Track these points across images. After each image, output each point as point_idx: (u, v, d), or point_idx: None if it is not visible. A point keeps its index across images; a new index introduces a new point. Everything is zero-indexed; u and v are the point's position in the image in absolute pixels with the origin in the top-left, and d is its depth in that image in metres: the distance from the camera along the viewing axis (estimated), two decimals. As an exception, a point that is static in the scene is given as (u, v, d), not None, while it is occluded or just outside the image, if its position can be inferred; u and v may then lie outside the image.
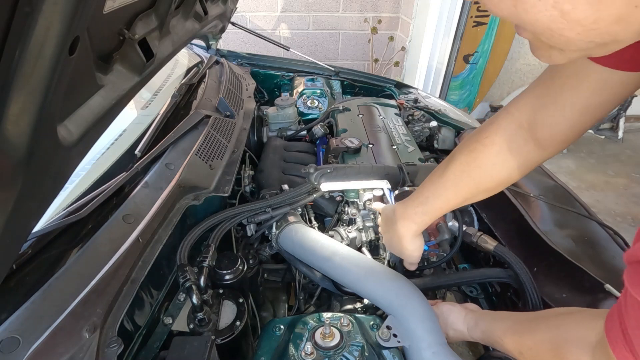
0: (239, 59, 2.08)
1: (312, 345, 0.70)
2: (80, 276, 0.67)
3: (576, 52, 0.39)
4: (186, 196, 0.96)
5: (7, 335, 0.56)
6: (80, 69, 0.61)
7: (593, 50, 0.38)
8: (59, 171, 0.57)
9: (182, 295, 0.85)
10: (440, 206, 0.80)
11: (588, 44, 0.37)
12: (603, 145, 3.93)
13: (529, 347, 0.63)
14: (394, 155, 1.28)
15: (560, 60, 0.41)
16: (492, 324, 0.74)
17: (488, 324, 0.75)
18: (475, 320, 0.78)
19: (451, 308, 0.84)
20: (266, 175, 1.25)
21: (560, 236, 0.97)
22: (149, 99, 1.44)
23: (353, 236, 1.10)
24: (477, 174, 0.74)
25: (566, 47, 0.38)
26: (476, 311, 0.82)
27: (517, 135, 0.70)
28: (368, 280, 0.84)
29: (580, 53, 0.39)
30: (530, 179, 1.17)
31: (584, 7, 0.33)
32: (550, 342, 0.59)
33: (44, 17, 0.39)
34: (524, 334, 0.65)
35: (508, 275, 0.97)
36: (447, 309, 0.84)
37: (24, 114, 0.43)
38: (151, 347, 0.75)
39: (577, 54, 0.40)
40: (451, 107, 1.77)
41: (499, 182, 0.76)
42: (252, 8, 3.48)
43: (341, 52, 3.82)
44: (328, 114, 1.59)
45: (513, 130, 0.70)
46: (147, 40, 0.84)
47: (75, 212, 0.78)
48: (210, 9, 1.35)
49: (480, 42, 3.19)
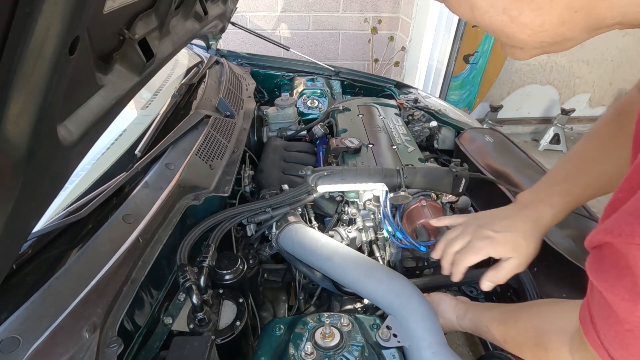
0: (239, 59, 2.08)
1: (312, 345, 0.70)
2: (80, 276, 0.67)
3: (534, 50, 0.44)
4: (186, 196, 0.96)
5: (7, 335, 0.56)
6: (80, 69, 0.61)
7: (549, 48, 0.43)
8: (59, 171, 0.57)
9: (182, 295, 0.85)
10: (585, 187, 0.65)
11: (541, 44, 0.41)
12: (603, 145, 3.93)
13: (512, 335, 0.65)
14: (394, 155, 1.28)
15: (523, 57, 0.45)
16: (479, 314, 0.75)
17: (476, 314, 0.76)
18: (464, 309, 0.79)
19: (442, 297, 0.86)
20: (266, 175, 1.25)
21: (560, 236, 0.97)
22: (149, 99, 1.44)
23: (353, 236, 1.10)
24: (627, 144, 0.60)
25: (524, 46, 0.43)
26: (466, 302, 0.84)
27: None
28: (368, 280, 0.84)
29: (538, 51, 0.44)
30: (530, 179, 1.17)
31: (529, 13, 0.38)
32: (532, 331, 0.61)
33: (44, 17, 0.39)
34: (509, 323, 0.67)
35: (508, 275, 0.97)
36: (438, 297, 0.86)
37: (24, 114, 0.43)
38: (151, 347, 0.75)
39: (535, 52, 0.44)
40: (451, 107, 1.77)
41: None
42: (252, 8, 3.48)
43: (341, 52, 3.82)
44: (328, 114, 1.59)
45: None
46: (147, 40, 0.84)
47: (76, 212, 0.78)
48: (210, 9, 1.35)
49: (480, 42, 3.19)
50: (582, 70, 3.90)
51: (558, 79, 3.93)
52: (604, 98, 4.13)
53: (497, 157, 1.31)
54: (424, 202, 1.05)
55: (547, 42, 0.41)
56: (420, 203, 1.05)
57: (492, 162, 1.29)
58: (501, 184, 1.12)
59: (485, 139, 1.43)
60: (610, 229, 0.36)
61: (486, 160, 1.31)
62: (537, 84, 3.93)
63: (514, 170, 1.22)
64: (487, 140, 1.42)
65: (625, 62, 3.89)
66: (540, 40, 0.41)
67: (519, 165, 1.26)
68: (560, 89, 4.00)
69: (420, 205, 1.05)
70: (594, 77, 3.96)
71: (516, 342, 0.65)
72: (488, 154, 1.34)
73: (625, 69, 3.94)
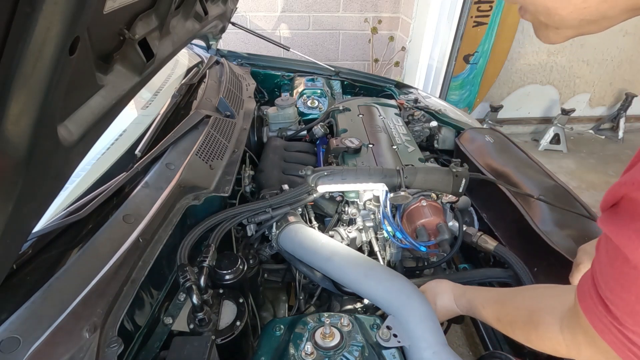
0: (239, 59, 2.08)
1: (312, 345, 0.70)
2: (80, 276, 0.67)
3: (569, 31, 0.44)
4: (186, 196, 0.96)
5: (8, 335, 0.56)
6: (81, 69, 0.61)
7: (585, 28, 0.43)
8: (59, 171, 0.57)
9: (182, 295, 0.85)
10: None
11: (580, 22, 0.42)
12: (603, 145, 3.93)
13: (507, 313, 0.69)
14: (394, 155, 1.28)
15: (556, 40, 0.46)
16: (477, 292, 0.80)
17: (474, 293, 0.81)
18: (462, 289, 0.84)
19: (439, 280, 0.91)
20: (266, 175, 1.25)
21: (560, 236, 0.97)
22: (149, 99, 1.44)
23: (353, 236, 1.10)
24: None
25: (561, 26, 0.44)
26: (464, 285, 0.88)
27: None
28: (368, 280, 0.84)
29: (572, 31, 0.44)
30: (530, 179, 1.17)
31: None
32: (525, 309, 0.65)
33: (45, 17, 0.39)
34: (505, 303, 0.72)
35: (508, 275, 0.97)
36: (436, 281, 0.91)
37: (24, 114, 0.43)
38: (151, 347, 0.75)
39: (570, 32, 0.45)
40: (451, 107, 1.77)
41: None
42: (252, 8, 3.48)
43: (341, 52, 3.82)
44: (328, 114, 1.59)
45: None
46: (147, 40, 0.84)
47: (76, 212, 0.78)
48: (210, 9, 1.35)
49: (480, 42, 3.19)
50: (582, 70, 3.90)
51: (558, 79, 3.93)
52: (604, 98, 4.13)
53: (497, 157, 1.31)
54: (424, 202, 1.05)
55: (586, 20, 0.41)
56: (420, 203, 1.05)
57: (492, 162, 1.29)
58: (501, 184, 1.12)
59: (486, 139, 1.43)
60: (624, 182, 0.38)
61: (486, 160, 1.31)
62: (537, 84, 3.93)
63: (514, 170, 1.22)
64: (487, 140, 1.42)
65: (625, 62, 3.89)
66: (580, 17, 0.41)
67: (519, 165, 1.26)
68: (561, 89, 4.00)
69: (420, 205, 1.05)
70: (594, 77, 3.96)
71: (508, 319, 0.69)
72: (488, 154, 1.34)
73: (626, 68, 3.94)
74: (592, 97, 4.11)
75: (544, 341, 0.59)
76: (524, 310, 0.65)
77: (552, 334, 0.57)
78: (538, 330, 0.60)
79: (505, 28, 3.23)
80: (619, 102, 4.01)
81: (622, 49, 3.79)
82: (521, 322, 0.65)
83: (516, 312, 0.67)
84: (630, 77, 3.99)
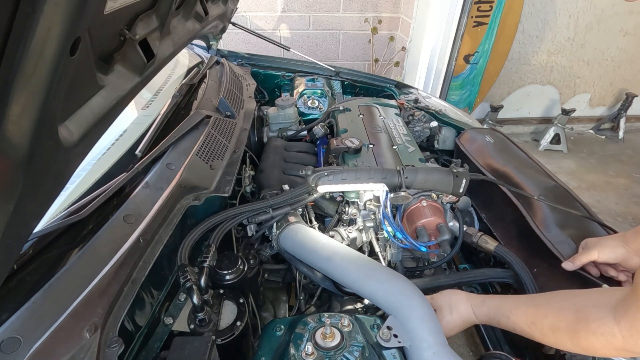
0: (240, 59, 2.08)
1: (312, 346, 0.70)
2: (81, 276, 0.67)
3: None
4: (187, 196, 0.96)
5: (8, 335, 0.56)
6: (81, 70, 0.61)
7: None
8: (60, 171, 0.57)
9: (182, 295, 0.85)
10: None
11: None
12: (604, 146, 3.93)
13: (545, 314, 0.67)
14: (394, 155, 1.28)
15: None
16: (500, 300, 0.78)
17: (496, 301, 0.79)
18: (481, 299, 0.82)
19: (454, 291, 0.88)
20: (267, 176, 1.25)
21: (561, 237, 0.97)
22: (149, 99, 1.44)
23: (353, 236, 1.10)
24: None
25: None
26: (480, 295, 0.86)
27: None
28: (368, 281, 0.84)
29: None
30: (530, 179, 1.17)
31: None
32: (568, 310, 0.63)
33: (45, 18, 0.39)
34: (540, 305, 0.69)
35: (509, 275, 0.97)
36: (449, 292, 0.88)
37: (25, 115, 0.43)
38: (152, 348, 0.75)
39: None
40: (451, 107, 1.77)
41: None
42: (252, 8, 3.48)
43: (341, 52, 3.82)
44: (328, 114, 1.59)
45: None
46: (148, 40, 0.84)
47: (76, 213, 0.78)
48: (210, 10, 1.35)
49: (480, 42, 3.19)
50: (582, 70, 3.90)
51: (558, 79, 3.93)
52: (604, 98, 4.13)
53: (497, 157, 1.31)
54: (424, 203, 1.05)
55: None
56: (421, 203, 1.05)
57: (492, 162, 1.29)
58: (501, 185, 1.12)
59: (486, 139, 1.43)
60: None
61: (486, 160, 1.31)
62: (538, 84, 3.93)
63: (515, 171, 1.22)
64: (487, 140, 1.42)
65: (625, 62, 3.89)
66: None
67: (520, 165, 1.26)
68: (561, 89, 4.00)
69: (421, 206, 1.05)
70: (595, 77, 3.96)
71: (550, 320, 0.66)
72: (488, 154, 1.34)
73: (626, 68, 3.93)
74: (592, 97, 4.11)
75: (597, 336, 0.58)
76: (568, 310, 0.63)
77: (606, 327, 0.56)
78: (589, 325, 0.58)
79: (506, 28, 3.23)
80: (619, 102, 4.01)
81: (623, 49, 3.79)
82: (565, 322, 0.63)
83: (558, 314, 0.65)
84: (630, 77, 3.99)
